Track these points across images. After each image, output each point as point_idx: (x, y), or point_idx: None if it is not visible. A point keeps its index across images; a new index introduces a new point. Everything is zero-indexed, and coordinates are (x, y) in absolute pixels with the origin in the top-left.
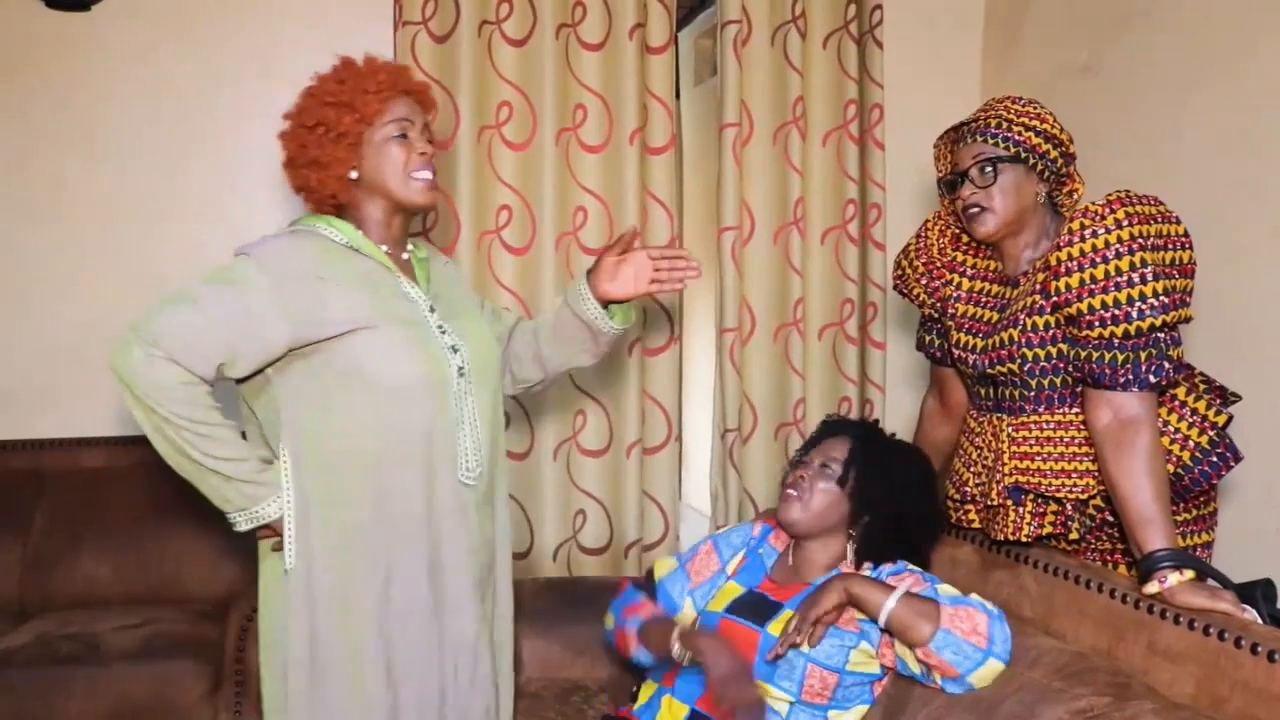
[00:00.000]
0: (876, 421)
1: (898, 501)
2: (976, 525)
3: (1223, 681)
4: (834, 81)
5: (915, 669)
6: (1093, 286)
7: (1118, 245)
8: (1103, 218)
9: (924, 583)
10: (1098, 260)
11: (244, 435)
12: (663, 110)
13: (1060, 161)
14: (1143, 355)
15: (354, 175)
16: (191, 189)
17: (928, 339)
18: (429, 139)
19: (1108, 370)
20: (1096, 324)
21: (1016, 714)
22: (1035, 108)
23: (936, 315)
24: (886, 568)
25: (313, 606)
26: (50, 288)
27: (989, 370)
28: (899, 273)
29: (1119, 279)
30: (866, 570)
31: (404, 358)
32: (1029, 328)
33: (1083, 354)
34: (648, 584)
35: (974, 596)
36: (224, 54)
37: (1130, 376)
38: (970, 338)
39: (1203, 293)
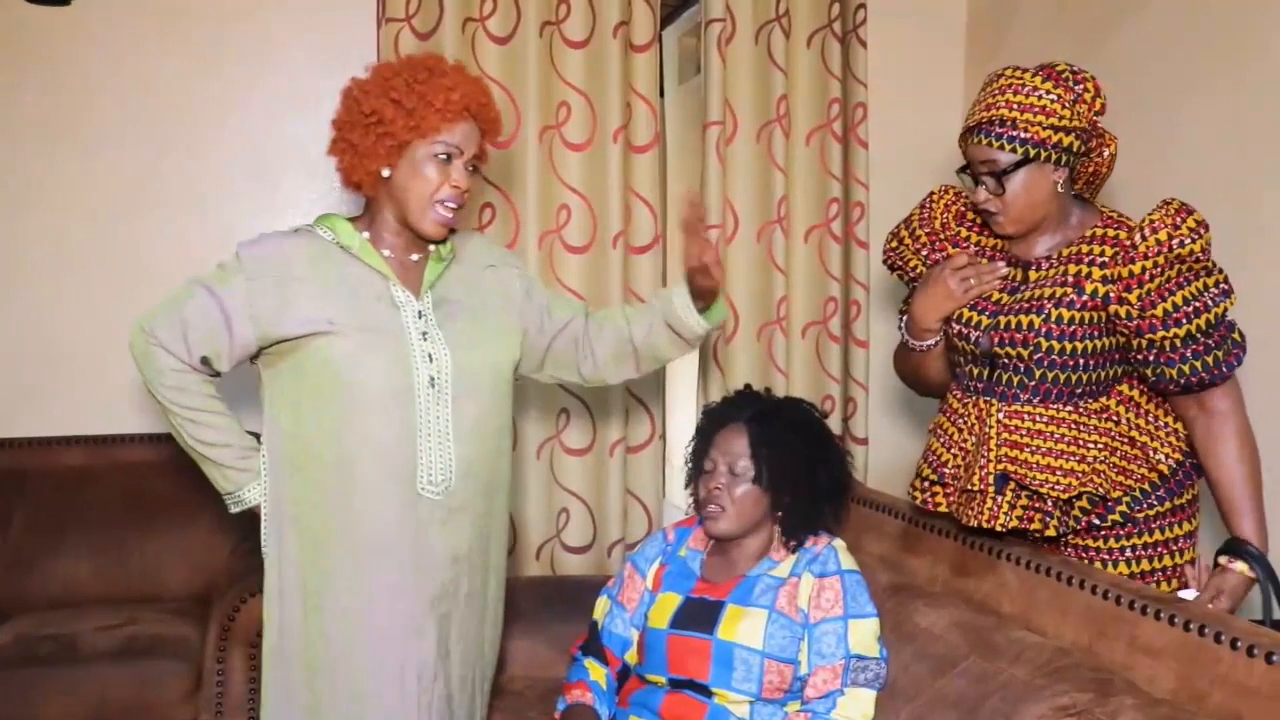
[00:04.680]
0: (749, 387)
1: (811, 473)
2: (943, 509)
3: (1202, 676)
4: (818, 80)
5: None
6: (1161, 289)
7: (1199, 255)
8: (1176, 227)
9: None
10: (1164, 266)
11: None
12: (646, 108)
13: (1078, 144)
14: (1219, 353)
15: (385, 173)
16: (176, 183)
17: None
18: (474, 168)
19: (1192, 380)
20: (1172, 324)
21: (1000, 710)
22: (1039, 97)
23: None
24: (821, 547)
25: (283, 600)
26: (32, 284)
27: (997, 349)
28: (893, 245)
29: (1181, 279)
30: (791, 559)
31: (363, 364)
32: (1052, 318)
33: (1157, 370)
34: (592, 635)
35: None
36: (208, 47)
37: (1216, 374)
38: (976, 315)
39: None
